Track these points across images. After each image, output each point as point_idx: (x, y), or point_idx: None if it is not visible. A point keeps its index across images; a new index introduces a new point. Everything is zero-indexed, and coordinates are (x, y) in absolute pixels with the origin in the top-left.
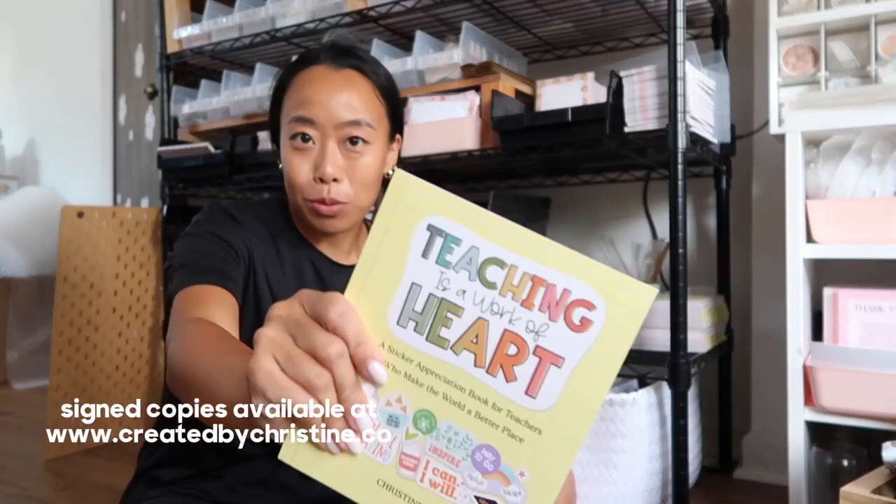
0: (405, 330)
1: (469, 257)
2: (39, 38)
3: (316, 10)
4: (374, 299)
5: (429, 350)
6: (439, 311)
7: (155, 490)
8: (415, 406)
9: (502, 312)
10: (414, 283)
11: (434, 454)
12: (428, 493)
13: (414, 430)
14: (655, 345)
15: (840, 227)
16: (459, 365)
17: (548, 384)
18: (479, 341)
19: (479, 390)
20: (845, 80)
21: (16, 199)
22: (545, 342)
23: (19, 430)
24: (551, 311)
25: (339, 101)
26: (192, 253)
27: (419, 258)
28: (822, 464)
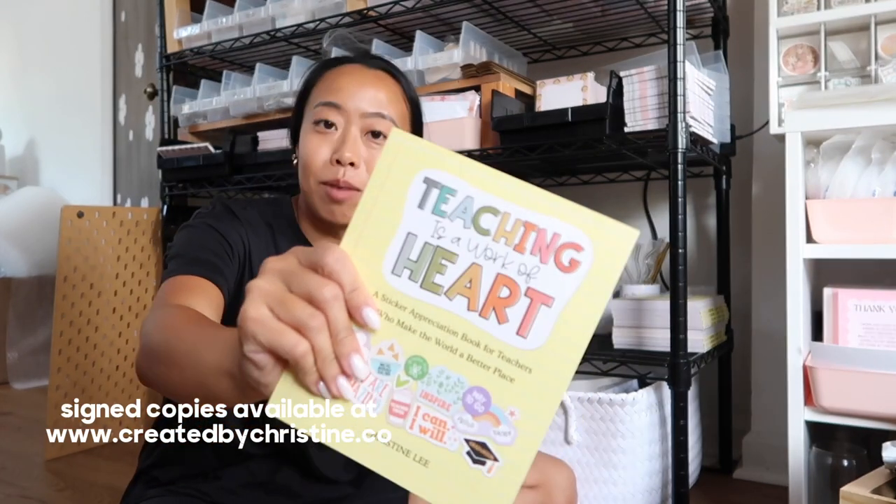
0: (399, 278)
1: (464, 206)
2: (39, 38)
3: (316, 10)
4: (370, 249)
5: (422, 297)
6: (434, 258)
7: (155, 490)
8: (407, 353)
9: (495, 257)
10: (410, 233)
11: (425, 400)
12: (417, 440)
13: (405, 378)
14: (655, 345)
15: (840, 227)
16: (452, 310)
17: (538, 324)
18: (473, 286)
19: (471, 333)
20: (845, 80)
21: (16, 199)
22: (536, 283)
23: (19, 430)
24: (542, 254)
25: (367, 93)
26: (187, 244)
27: (415, 209)
28: (822, 464)
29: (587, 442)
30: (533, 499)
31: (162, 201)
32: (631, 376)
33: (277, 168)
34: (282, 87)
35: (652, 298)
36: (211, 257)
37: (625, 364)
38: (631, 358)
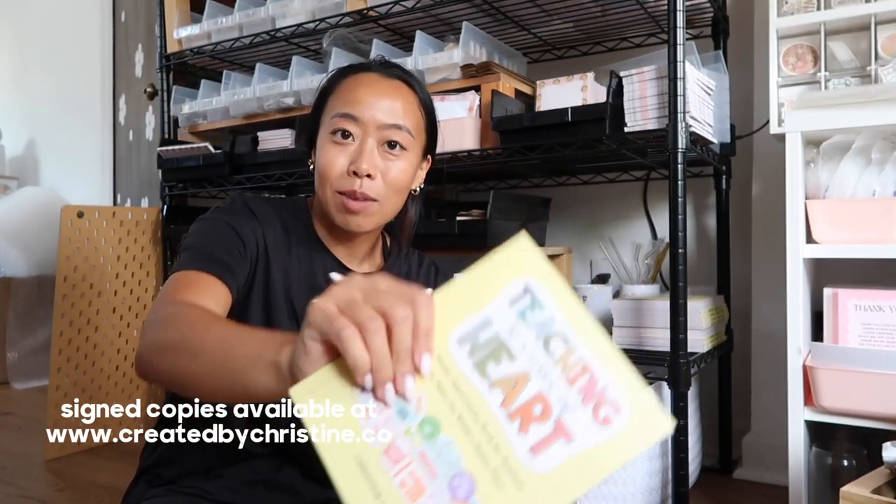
0: (460, 348)
1: (544, 323)
2: (39, 38)
3: (316, 10)
4: (451, 312)
5: (470, 374)
6: (497, 349)
7: (156, 489)
8: (429, 411)
9: (547, 377)
10: (489, 319)
11: (420, 459)
12: (393, 490)
13: (415, 431)
14: (655, 345)
15: (840, 227)
16: (488, 398)
17: (552, 452)
18: (516, 389)
19: (491, 427)
20: (845, 80)
21: (16, 199)
22: (568, 418)
23: (19, 430)
24: (585, 396)
25: (385, 105)
26: (201, 237)
27: (505, 303)
28: (822, 464)
29: None
30: None
31: (162, 201)
32: None
33: (277, 168)
34: (282, 87)
35: (652, 298)
36: (223, 255)
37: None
38: (631, 358)
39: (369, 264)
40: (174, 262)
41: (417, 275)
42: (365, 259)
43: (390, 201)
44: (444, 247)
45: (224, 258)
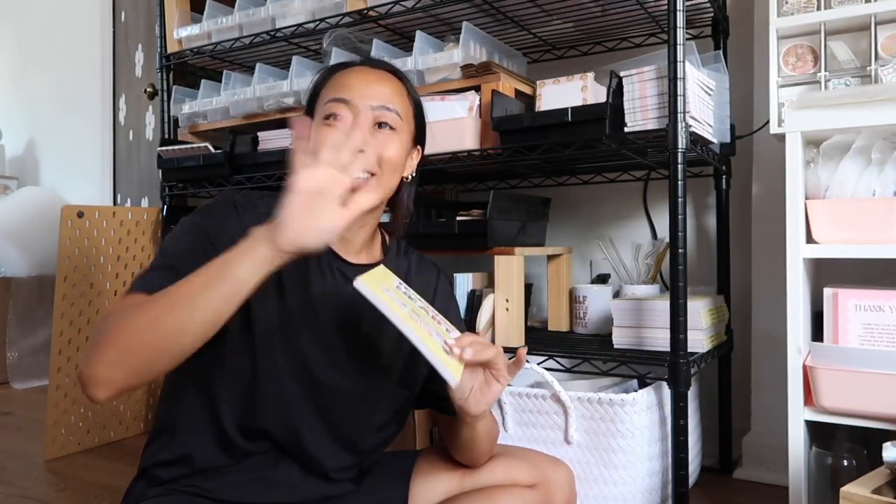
0: (400, 287)
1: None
2: (39, 38)
3: (316, 10)
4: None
5: (412, 295)
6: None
7: (156, 488)
8: (409, 307)
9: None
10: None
11: (422, 323)
12: (427, 335)
13: (412, 312)
14: (655, 345)
15: (840, 227)
16: (421, 305)
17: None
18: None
19: (430, 323)
20: (845, 80)
21: (16, 199)
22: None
23: (19, 430)
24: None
25: (374, 89)
26: (169, 250)
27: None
28: (822, 464)
29: (587, 442)
30: (532, 498)
31: (162, 201)
32: (631, 376)
33: (277, 168)
34: (282, 87)
35: (652, 298)
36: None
37: (625, 364)
38: (631, 358)
39: (367, 256)
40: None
41: (417, 273)
42: (362, 250)
43: (385, 178)
44: (444, 247)
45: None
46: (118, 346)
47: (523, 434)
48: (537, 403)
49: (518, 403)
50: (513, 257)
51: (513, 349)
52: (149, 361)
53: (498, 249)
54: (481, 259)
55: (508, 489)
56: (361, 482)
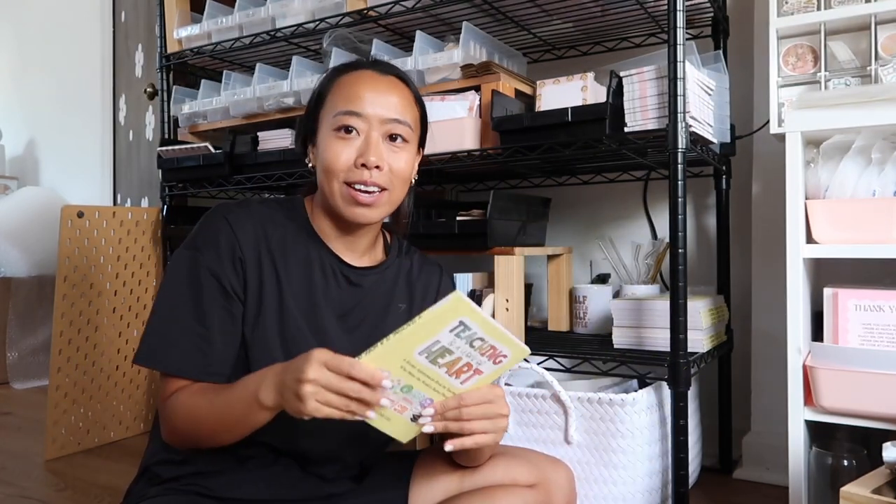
0: (419, 356)
1: (470, 336)
2: (39, 38)
3: (316, 10)
4: (411, 342)
5: (427, 366)
6: (442, 350)
7: (156, 488)
8: (405, 383)
9: (471, 356)
10: (437, 340)
11: (403, 400)
12: (390, 413)
13: (398, 391)
14: (655, 345)
15: (840, 227)
16: (439, 372)
17: (471, 381)
18: (453, 365)
19: (440, 380)
20: (845, 80)
21: (16, 199)
22: (481, 367)
23: (19, 430)
24: (490, 358)
25: (385, 100)
26: (194, 316)
27: (447, 331)
28: (822, 464)
29: (587, 442)
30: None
31: (162, 201)
32: (631, 376)
33: (277, 168)
34: (282, 87)
35: (652, 298)
36: (215, 363)
37: (625, 364)
38: (631, 358)
39: (370, 259)
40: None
41: (419, 273)
42: (365, 253)
43: (396, 192)
44: (444, 247)
45: (199, 360)
46: (186, 442)
47: (523, 434)
48: (537, 403)
49: (518, 403)
50: (513, 257)
51: None
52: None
53: (498, 249)
54: (481, 259)
55: (508, 489)
56: (361, 481)
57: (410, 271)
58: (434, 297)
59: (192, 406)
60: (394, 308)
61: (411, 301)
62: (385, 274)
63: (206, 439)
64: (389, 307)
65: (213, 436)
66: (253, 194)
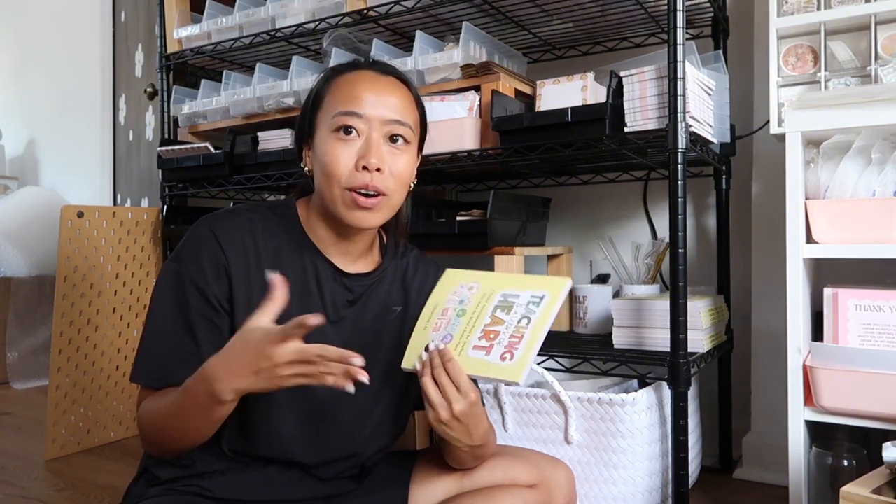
0: (497, 298)
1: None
2: (39, 38)
3: (316, 10)
4: (503, 280)
5: (490, 311)
6: (509, 306)
7: (156, 488)
8: (451, 319)
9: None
10: (517, 294)
11: (445, 325)
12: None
13: (455, 317)
14: (655, 345)
15: (840, 227)
16: (483, 317)
17: (480, 353)
18: (505, 325)
19: (473, 326)
20: (845, 80)
21: (16, 199)
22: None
23: (19, 430)
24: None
25: (386, 101)
26: (184, 333)
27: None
28: (822, 464)
29: (587, 442)
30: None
31: (162, 201)
32: (631, 376)
33: (277, 168)
34: (282, 87)
35: (652, 298)
36: (183, 370)
37: (625, 364)
38: (631, 358)
39: (365, 263)
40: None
41: (415, 272)
42: (361, 258)
43: (397, 195)
44: (444, 247)
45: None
46: (158, 449)
47: (523, 434)
48: (537, 403)
49: (518, 403)
50: (513, 257)
51: None
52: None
53: (498, 249)
54: (481, 259)
55: (508, 489)
56: (361, 481)
57: (406, 272)
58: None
59: (151, 411)
60: (389, 312)
61: (406, 301)
62: (380, 278)
63: (170, 443)
64: (385, 312)
65: (175, 439)
66: (253, 194)
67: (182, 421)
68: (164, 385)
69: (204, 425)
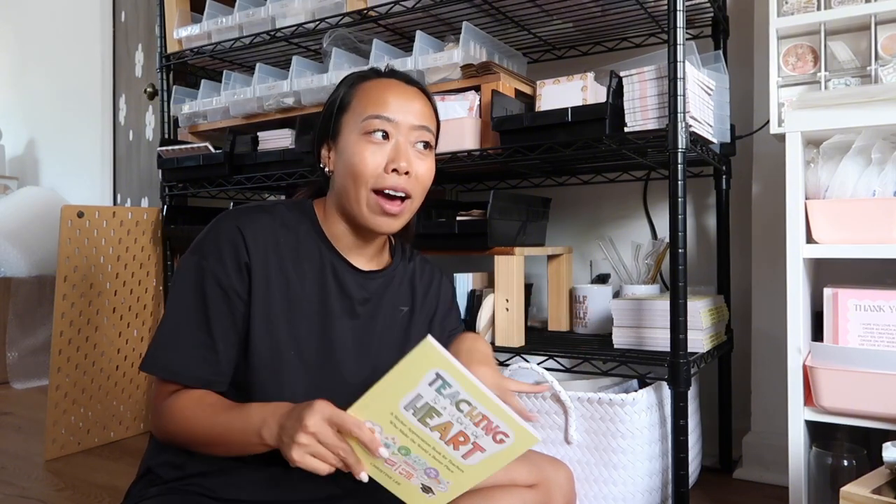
0: (407, 412)
1: (453, 395)
2: (39, 38)
3: (316, 10)
4: (394, 392)
5: (417, 425)
6: (428, 410)
7: (156, 488)
8: (400, 443)
9: (462, 422)
10: (419, 394)
11: (405, 464)
12: (397, 476)
13: (397, 452)
14: (655, 345)
15: (840, 227)
16: (432, 435)
17: (473, 457)
18: (445, 430)
19: (438, 448)
20: (845, 80)
21: (16, 199)
22: (479, 441)
23: (19, 430)
24: (486, 431)
25: (414, 108)
26: (202, 325)
27: (426, 385)
28: (822, 464)
29: (587, 442)
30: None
31: (162, 201)
32: (631, 376)
33: (277, 168)
34: (282, 87)
35: (652, 298)
36: (218, 371)
37: (625, 364)
38: (631, 358)
39: (377, 263)
40: (174, 264)
41: (422, 274)
42: (374, 258)
43: (418, 199)
44: (444, 247)
45: (205, 369)
46: (176, 444)
47: None
48: (537, 403)
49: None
50: (513, 257)
51: (513, 349)
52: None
53: (498, 249)
54: (481, 259)
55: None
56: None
57: (414, 274)
58: (435, 301)
59: (189, 417)
60: (398, 312)
61: (413, 302)
62: (391, 278)
63: (198, 447)
64: (394, 311)
65: (205, 448)
66: (253, 194)
67: (220, 439)
68: (175, 378)
69: (235, 450)
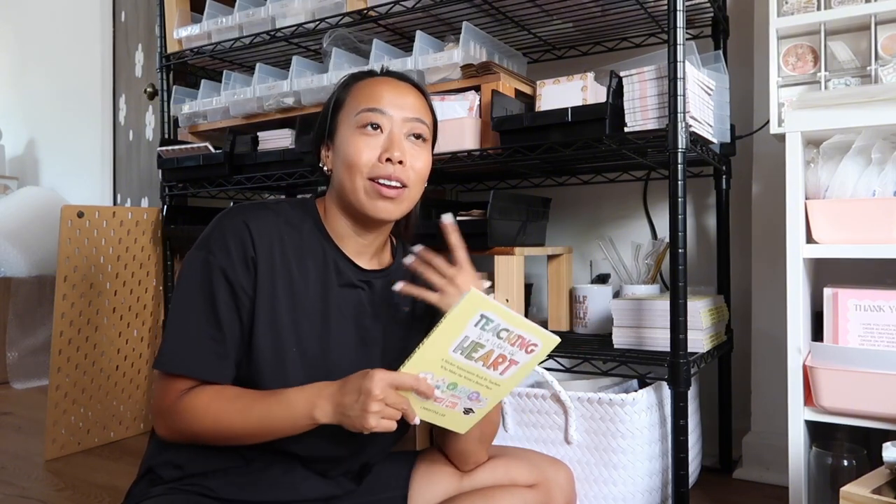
0: (455, 353)
1: (495, 327)
2: (39, 38)
3: (316, 10)
4: (443, 342)
5: (465, 362)
6: (474, 346)
7: (157, 488)
8: (449, 381)
9: (502, 347)
10: (466, 336)
11: (452, 397)
12: (443, 409)
13: (446, 390)
14: (655, 345)
15: (840, 227)
16: (476, 366)
17: (509, 371)
18: (487, 357)
19: (481, 374)
20: (845, 80)
21: (16, 199)
22: (514, 357)
23: (19, 430)
24: (520, 347)
25: (407, 101)
26: (211, 320)
27: (472, 326)
28: (822, 464)
29: (587, 442)
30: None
31: (162, 201)
32: (631, 376)
33: (277, 168)
34: (282, 87)
35: (652, 298)
36: (211, 355)
37: (625, 364)
38: (631, 358)
39: (378, 262)
40: (174, 264)
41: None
42: (375, 257)
43: (415, 189)
44: (445, 247)
45: (214, 361)
46: (190, 440)
47: (523, 434)
48: (537, 403)
49: (518, 403)
50: (513, 257)
51: None
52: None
53: (498, 249)
54: (481, 259)
55: (508, 489)
56: (362, 481)
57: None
58: None
59: (217, 410)
60: (399, 311)
61: (413, 302)
62: (392, 276)
63: (227, 440)
64: (395, 310)
65: (236, 440)
66: (253, 194)
67: (257, 429)
68: (192, 374)
69: (274, 436)
